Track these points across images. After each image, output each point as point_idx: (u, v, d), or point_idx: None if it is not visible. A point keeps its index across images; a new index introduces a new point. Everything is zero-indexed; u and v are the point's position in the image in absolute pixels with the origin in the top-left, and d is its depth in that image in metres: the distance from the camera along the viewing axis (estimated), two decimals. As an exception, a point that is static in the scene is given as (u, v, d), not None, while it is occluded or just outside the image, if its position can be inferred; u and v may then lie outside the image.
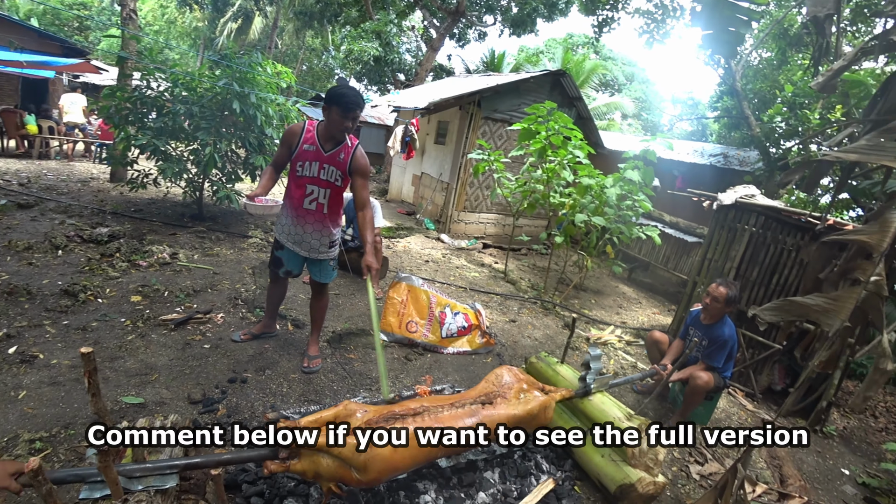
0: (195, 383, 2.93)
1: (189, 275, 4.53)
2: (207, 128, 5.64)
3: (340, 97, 2.75)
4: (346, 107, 2.76)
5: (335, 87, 2.80)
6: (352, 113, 2.79)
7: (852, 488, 3.50)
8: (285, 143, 2.94)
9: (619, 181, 5.63)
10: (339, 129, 2.84)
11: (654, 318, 6.61)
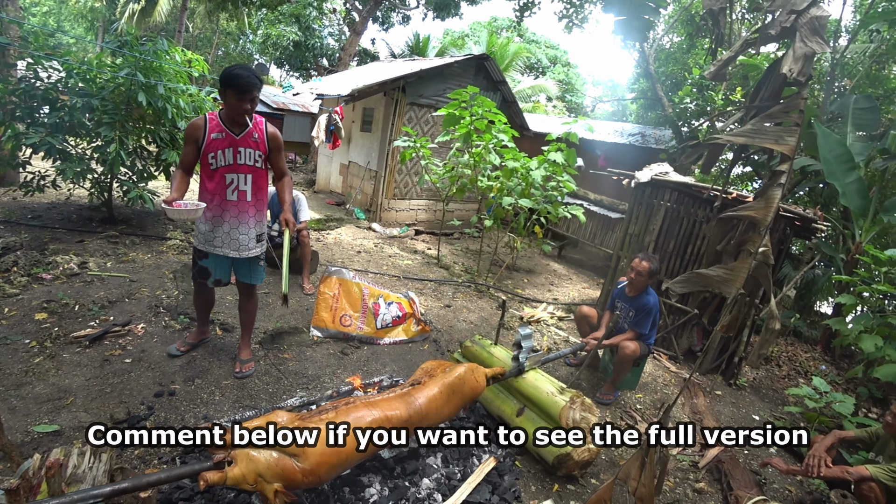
0: (118, 402, 2.75)
1: (102, 285, 4.19)
2: (111, 122, 5.18)
3: (234, 79, 2.62)
4: (241, 88, 2.64)
5: (228, 69, 2.66)
6: (248, 94, 2.67)
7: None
8: (190, 140, 2.76)
9: (543, 163, 5.82)
10: (238, 113, 2.71)
11: (584, 292, 6.96)
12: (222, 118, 2.78)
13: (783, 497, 3.12)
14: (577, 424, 2.74)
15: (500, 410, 2.96)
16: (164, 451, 2.42)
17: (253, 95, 2.69)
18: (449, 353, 4.01)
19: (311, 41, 15.89)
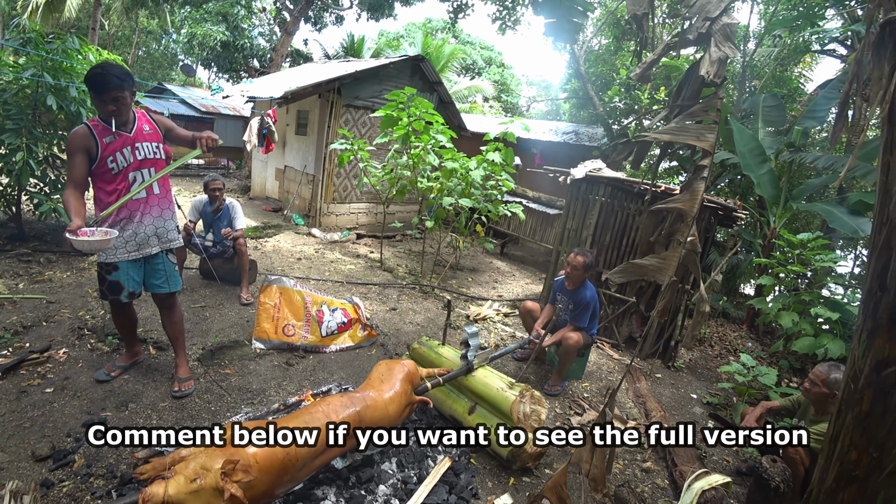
0: (39, 436, 2.50)
1: (15, 308, 3.81)
2: (16, 129, 4.73)
3: (90, 79, 2.47)
4: (98, 88, 2.48)
5: (90, 69, 2.50)
6: (108, 94, 2.50)
7: (700, 408, 4.20)
8: (79, 151, 2.54)
9: (482, 163, 5.92)
10: (106, 113, 2.54)
11: (527, 287, 7.14)
12: (104, 121, 2.60)
13: (722, 467, 3.35)
14: (529, 417, 2.81)
15: (451, 410, 2.98)
16: (96, 483, 2.24)
17: (114, 95, 2.52)
18: (397, 355, 3.99)
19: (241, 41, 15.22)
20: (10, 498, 1.69)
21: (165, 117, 2.92)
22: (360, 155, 5.88)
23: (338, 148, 5.83)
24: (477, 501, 2.53)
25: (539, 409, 2.88)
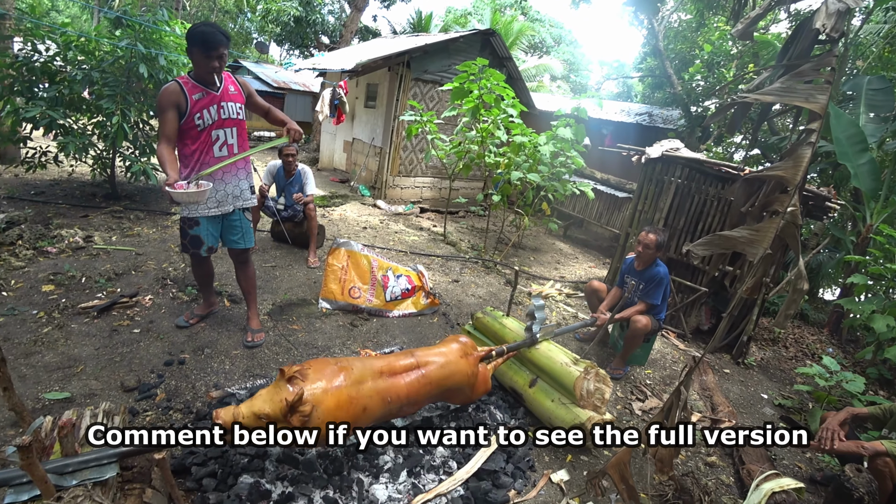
0: (128, 370, 2.72)
1: (108, 258, 4.15)
2: (112, 95, 5.08)
3: (199, 36, 2.55)
4: (206, 45, 2.56)
5: (194, 26, 2.58)
6: (216, 51, 2.60)
7: (771, 410, 3.91)
8: (170, 107, 2.63)
9: (552, 139, 5.72)
10: (206, 71, 2.64)
11: (590, 271, 6.91)
12: (195, 79, 2.70)
13: (793, 473, 3.10)
14: (592, 395, 2.72)
15: (512, 381, 2.94)
16: (175, 416, 2.40)
17: (221, 52, 2.62)
18: (458, 325, 3.98)
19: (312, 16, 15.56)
20: (104, 415, 1.83)
21: (248, 83, 3.01)
22: (429, 127, 5.84)
23: (407, 119, 5.82)
24: (533, 473, 2.48)
25: (603, 388, 2.77)
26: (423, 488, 2.14)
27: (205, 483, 1.97)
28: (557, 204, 8.00)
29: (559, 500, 2.35)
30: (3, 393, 1.63)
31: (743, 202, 2.15)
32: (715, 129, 9.89)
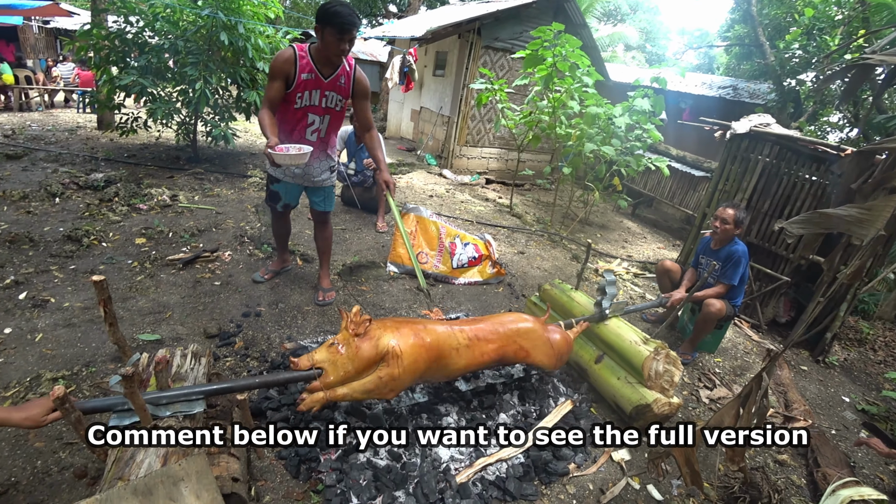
0: (210, 318, 2.92)
1: (191, 216, 4.44)
2: (195, 62, 5.34)
3: (334, 16, 2.46)
4: (341, 27, 2.49)
5: (327, 4, 2.50)
6: (348, 34, 2.53)
7: (852, 414, 3.59)
8: (279, 75, 2.64)
9: (627, 110, 5.42)
10: (335, 52, 2.58)
11: (659, 252, 6.60)
12: (313, 56, 2.65)
13: (873, 484, 2.84)
14: (661, 377, 2.61)
15: (577, 356, 2.87)
16: (252, 363, 2.56)
17: (352, 35, 2.55)
18: (524, 297, 3.94)
19: (382, -14, 15.54)
20: (192, 357, 1.96)
21: (367, 83, 2.89)
22: (499, 96, 5.71)
23: (478, 87, 5.71)
24: (594, 449, 2.43)
25: (673, 371, 2.65)
26: (484, 452, 2.15)
27: (278, 427, 2.09)
28: (628, 180, 7.64)
29: (619, 478, 2.30)
30: (109, 328, 1.78)
31: (854, 178, 1.93)
32: (809, 106, 9.00)
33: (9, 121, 8.13)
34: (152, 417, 1.65)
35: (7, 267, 3.17)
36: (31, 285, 3.01)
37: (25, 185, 4.70)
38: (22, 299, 2.85)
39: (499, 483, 2.02)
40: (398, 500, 1.87)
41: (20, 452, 1.90)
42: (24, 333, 2.57)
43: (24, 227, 3.76)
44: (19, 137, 6.70)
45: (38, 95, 10.33)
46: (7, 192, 4.37)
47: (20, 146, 6.11)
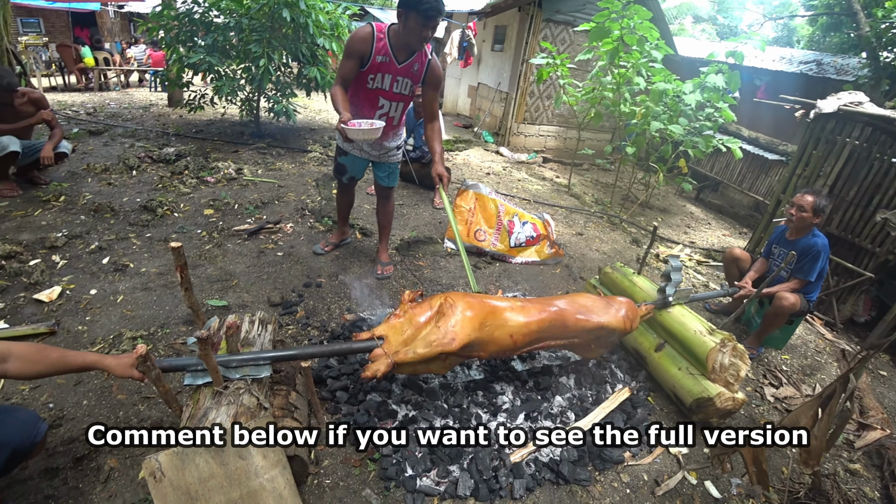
0: (273, 288, 3.04)
1: (255, 189, 4.62)
2: (259, 40, 5.47)
3: (419, 3, 2.41)
4: (427, 14, 2.43)
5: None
6: (432, 21, 2.47)
7: None
8: (355, 55, 2.61)
9: (698, 87, 5.09)
10: (417, 38, 2.53)
11: (724, 239, 6.25)
12: (391, 40, 2.61)
13: None
14: (726, 370, 2.48)
15: (636, 343, 2.78)
16: (312, 333, 2.65)
17: (436, 22, 2.52)
18: (582, 279, 3.86)
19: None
20: (259, 323, 2.05)
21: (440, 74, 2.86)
22: (561, 71, 5.50)
23: (538, 62, 5.52)
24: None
25: (739, 365, 2.50)
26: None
27: (338, 395, 2.16)
28: (693, 163, 7.24)
29: (675, 471, 2.22)
30: (184, 293, 1.88)
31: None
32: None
33: (90, 100, 8.71)
34: (223, 379, 1.74)
35: (92, 234, 3.42)
36: (113, 251, 3.23)
37: (106, 158, 5.03)
38: (105, 263, 3.07)
39: (552, 466, 2.01)
40: (452, 474, 1.89)
41: (105, 403, 2.07)
42: (108, 295, 2.77)
43: (105, 197, 4.03)
44: (100, 115, 7.16)
45: (115, 76, 11.00)
46: (91, 165, 4.70)
47: (101, 123, 6.53)
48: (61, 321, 2.51)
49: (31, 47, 10.27)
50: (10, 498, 1.64)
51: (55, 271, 2.94)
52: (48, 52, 10.80)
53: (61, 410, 2.01)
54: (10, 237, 3.24)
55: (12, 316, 2.51)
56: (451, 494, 1.84)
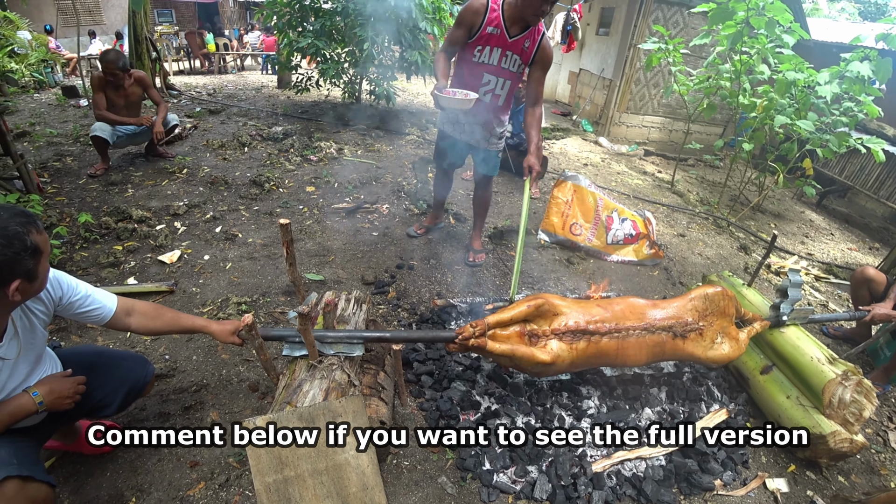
0: (367, 266, 3.16)
1: (354, 168, 4.81)
2: (363, 24, 5.63)
3: None
4: None
5: None
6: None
7: None
8: (465, 23, 2.56)
9: (837, 77, 4.46)
10: (534, 11, 2.41)
11: (849, 254, 5.52)
12: (504, 11, 2.54)
13: None
14: (846, 407, 2.18)
15: (740, 362, 2.55)
16: (402, 314, 2.72)
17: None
18: (682, 285, 3.60)
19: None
20: (354, 302, 2.14)
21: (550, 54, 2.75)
22: (673, 58, 5.09)
23: (649, 48, 5.14)
24: (745, 470, 2.16)
25: (863, 403, 2.19)
26: (623, 445, 2.04)
27: (423, 379, 2.21)
28: (820, 164, 6.44)
29: (769, 511, 2.02)
30: (289, 267, 2.00)
31: None
32: None
33: (212, 82, 9.58)
34: (319, 353, 1.83)
35: (208, 204, 3.77)
36: (224, 221, 3.53)
37: (223, 135, 5.50)
38: (217, 232, 3.37)
39: (635, 482, 1.91)
40: (530, 475, 1.87)
41: (210, 360, 2.28)
42: (218, 261, 3.04)
43: (221, 171, 4.42)
44: (219, 96, 7.85)
45: (233, 60, 12.00)
46: (210, 141, 5.16)
47: (219, 103, 7.16)
48: (179, 282, 2.80)
49: (165, 35, 11.46)
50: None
51: (176, 237, 3.28)
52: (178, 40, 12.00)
53: (175, 363, 2.25)
54: (142, 203, 3.66)
55: (140, 274, 2.84)
56: (526, 495, 1.81)
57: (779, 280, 4.07)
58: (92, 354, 1.67)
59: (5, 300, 1.20)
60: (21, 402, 1.31)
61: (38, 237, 1.22)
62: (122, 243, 3.11)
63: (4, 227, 1.14)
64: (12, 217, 1.17)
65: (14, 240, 1.15)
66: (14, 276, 1.17)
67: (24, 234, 1.17)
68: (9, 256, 1.14)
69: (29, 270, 1.20)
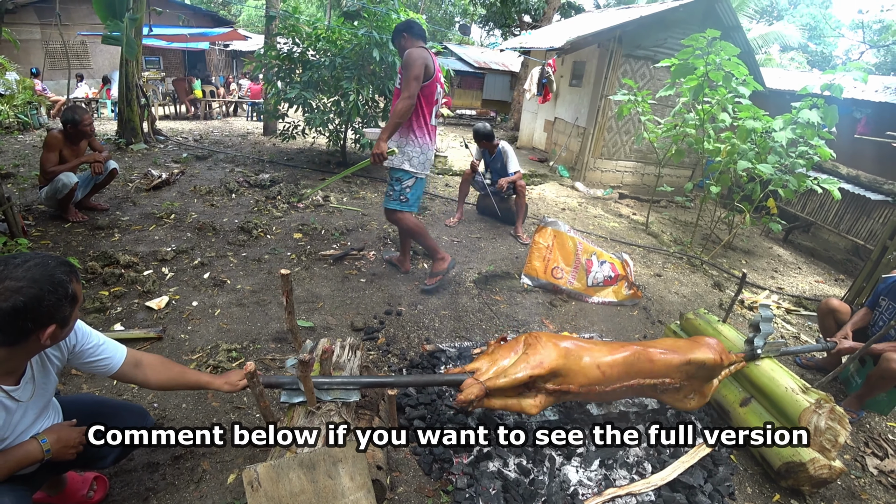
0: (356, 312, 3.21)
1: (340, 215, 4.92)
2: (350, 77, 5.89)
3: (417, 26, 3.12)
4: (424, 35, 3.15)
5: (407, 21, 3.13)
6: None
7: None
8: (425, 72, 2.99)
9: (790, 123, 4.84)
10: None
11: (816, 286, 5.79)
12: None
13: None
14: (822, 434, 2.30)
15: (720, 396, 2.65)
16: (392, 360, 2.77)
17: None
18: (661, 323, 3.73)
19: (518, -4, 15.68)
20: (349, 349, 2.19)
21: None
22: (642, 108, 5.46)
23: (619, 99, 5.53)
24: (732, 502, 2.22)
25: (837, 430, 2.31)
26: (614, 482, 2.10)
27: (415, 424, 2.24)
28: (783, 202, 6.81)
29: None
30: (287, 316, 2.06)
31: None
32: None
33: (197, 127, 9.73)
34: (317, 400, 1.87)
35: (196, 250, 3.80)
36: (213, 267, 3.57)
37: (210, 181, 5.57)
38: (205, 278, 3.39)
39: (627, 518, 1.95)
40: (525, 515, 1.90)
41: (201, 408, 2.27)
42: (207, 308, 3.06)
43: (208, 217, 4.47)
44: (205, 141, 7.97)
45: (219, 106, 12.28)
46: (197, 187, 5.23)
47: (206, 149, 7.27)
48: (167, 328, 2.80)
49: (151, 81, 11.70)
50: (117, 486, 1.83)
51: (164, 282, 3.29)
52: (164, 85, 12.28)
53: (164, 410, 2.23)
54: (129, 248, 3.67)
55: (127, 319, 2.83)
56: (521, 535, 1.84)
57: (752, 315, 4.25)
58: (93, 404, 1.67)
59: (36, 343, 1.24)
60: (29, 449, 1.32)
61: (77, 286, 1.29)
62: (108, 288, 3.10)
63: (52, 275, 1.21)
64: (58, 266, 1.24)
65: (59, 287, 1.22)
66: (52, 321, 1.22)
67: (67, 283, 1.24)
68: (52, 302, 1.20)
69: (65, 317, 1.26)
